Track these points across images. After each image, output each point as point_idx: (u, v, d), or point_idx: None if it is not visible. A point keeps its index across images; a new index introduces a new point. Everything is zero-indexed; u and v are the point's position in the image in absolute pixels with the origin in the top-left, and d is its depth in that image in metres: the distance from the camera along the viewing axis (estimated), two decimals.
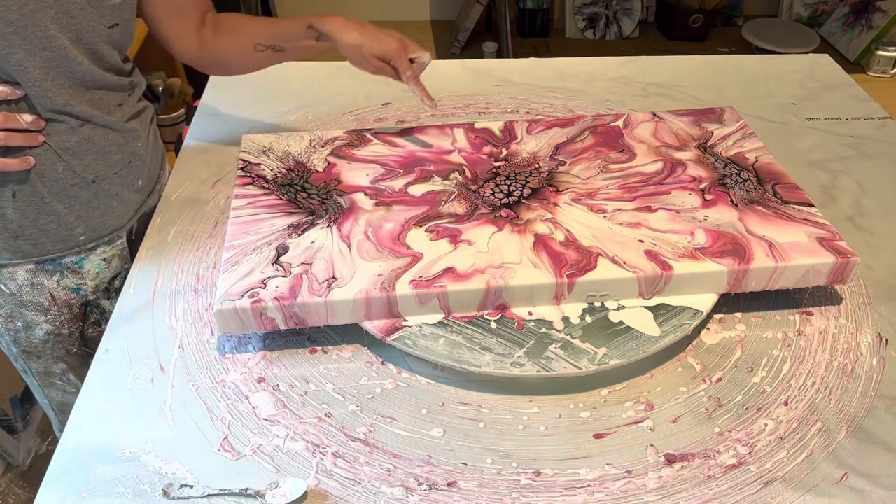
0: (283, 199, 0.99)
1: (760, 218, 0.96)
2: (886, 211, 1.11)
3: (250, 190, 1.00)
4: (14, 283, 0.99)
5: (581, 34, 3.26)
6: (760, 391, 0.85)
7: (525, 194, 1.01)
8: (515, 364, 0.83)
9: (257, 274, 0.87)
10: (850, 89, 1.42)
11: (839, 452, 0.79)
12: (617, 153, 1.10)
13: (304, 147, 1.09)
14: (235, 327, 0.85)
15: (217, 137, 1.27)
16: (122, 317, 0.94)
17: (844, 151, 1.24)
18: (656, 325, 0.87)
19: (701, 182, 1.03)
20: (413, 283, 0.86)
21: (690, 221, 0.96)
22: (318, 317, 0.86)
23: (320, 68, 1.47)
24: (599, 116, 1.18)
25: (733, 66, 1.49)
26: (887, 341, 0.91)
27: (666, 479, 0.76)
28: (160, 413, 0.82)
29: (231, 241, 0.92)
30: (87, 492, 0.74)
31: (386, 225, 0.95)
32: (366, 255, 0.90)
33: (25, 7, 0.81)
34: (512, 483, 0.76)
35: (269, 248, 0.91)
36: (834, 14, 3.21)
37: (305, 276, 0.87)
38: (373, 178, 1.03)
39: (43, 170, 0.92)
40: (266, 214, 0.96)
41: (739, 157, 1.09)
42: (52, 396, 1.13)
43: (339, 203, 0.98)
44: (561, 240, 0.93)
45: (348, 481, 0.76)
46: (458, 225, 0.95)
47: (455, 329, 0.86)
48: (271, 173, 1.04)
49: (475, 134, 1.13)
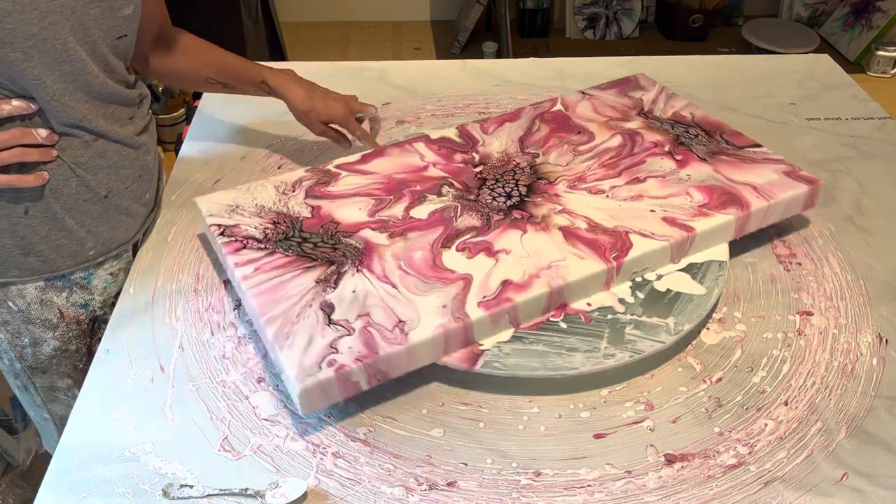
0: (290, 254, 0.91)
1: (730, 166, 1.05)
2: (886, 211, 1.11)
3: (247, 254, 0.91)
4: (23, 300, 0.97)
5: (581, 34, 3.26)
6: (760, 391, 0.85)
7: (523, 192, 1.01)
8: (607, 356, 0.84)
9: (319, 340, 0.80)
10: (850, 89, 1.42)
11: (839, 452, 0.79)
12: (576, 135, 1.13)
13: (274, 196, 1.00)
14: (320, 402, 0.78)
15: (217, 137, 1.27)
16: (122, 317, 0.94)
17: (844, 151, 1.24)
18: (698, 284, 0.92)
19: (663, 145, 1.09)
20: (482, 305, 0.83)
21: (678, 183, 1.02)
22: (400, 366, 0.81)
23: (320, 68, 1.47)
24: (537, 104, 1.21)
25: (733, 66, 1.49)
26: (887, 341, 0.91)
27: (666, 479, 0.76)
28: (160, 413, 0.82)
29: (266, 314, 0.83)
30: (87, 492, 0.74)
31: (414, 254, 0.91)
32: (415, 289, 0.86)
33: (45, 20, 0.79)
34: (512, 483, 0.76)
35: (313, 310, 0.83)
36: (834, 14, 3.21)
37: (371, 328, 0.81)
38: (368, 210, 0.98)
39: (56, 185, 0.90)
40: (283, 276, 0.88)
41: (678, 116, 1.17)
42: (56, 411, 1.12)
43: (352, 244, 0.92)
44: (585, 227, 0.95)
45: (348, 481, 0.76)
46: (483, 237, 0.93)
47: (531, 339, 0.86)
48: (258, 231, 0.94)
49: (438, 145, 1.10)
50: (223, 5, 2.36)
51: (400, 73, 1.46)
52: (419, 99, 1.38)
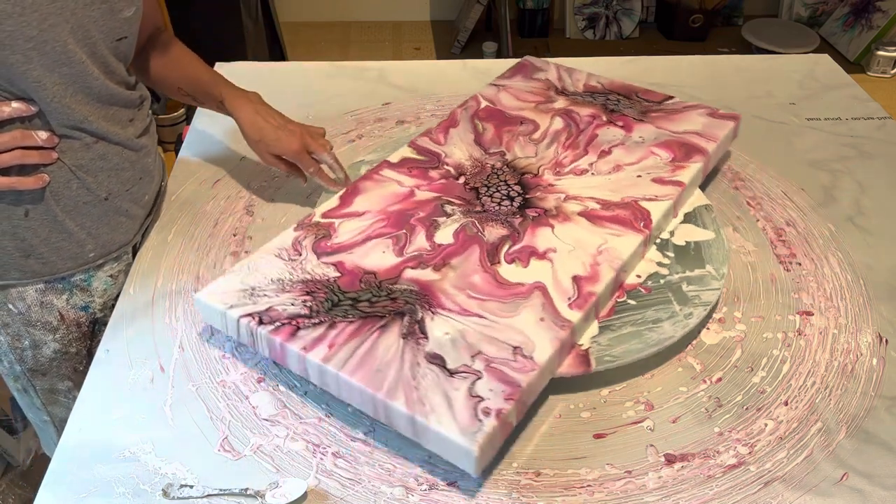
0: (353, 319, 0.82)
1: (665, 120, 1.14)
2: (886, 211, 1.11)
3: (307, 335, 0.80)
4: (23, 302, 0.97)
5: (581, 34, 3.26)
6: (760, 391, 0.85)
7: (520, 191, 1.02)
8: (687, 315, 0.88)
9: (455, 393, 0.74)
10: (850, 89, 1.42)
11: (839, 452, 0.79)
12: (521, 126, 1.15)
13: (282, 265, 0.89)
14: (489, 455, 0.74)
15: (217, 137, 1.27)
16: (122, 317, 0.94)
17: (844, 151, 1.24)
18: (703, 230, 1.00)
19: (600, 116, 1.16)
20: (574, 306, 0.84)
21: (639, 146, 1.09)
22: (536, 391, 0.79)
23: (320, 68, 1.47)
24: (463, 106, 1.21)
25: (733, 66, 1.49)
26: (887, 341, 0.91)
27: (666, 479, 0.76)
28: (160, 413, 0.82)
29: (381, 389, 0.74)
30: (87, 492, 0.74)
31: (472, 279, 0.87)
32: (501, 312, 0.83)
33: (45, 22, 0.79)
34: (512, 483, 0.76)
35: (423, 367, 0.77)
36: (834, 14, 3.21)
37: (495, 364, 0.77)
38: (394, 251, 0.91)
39: (57, 188, 0.90)
40: (363, 344, 0.79)
41: (590, 87, 1.24)
42: (56, 413, 1.12)
43: (406, 289, 0.86)
44: (599, 207, 0.98)
45: (348, 481, 0.76)
46: (521, 244, 0.93)
47: (617, 325, 0.87)
48: (300, 307, 0.83)
49: (405, 167, 1.06)
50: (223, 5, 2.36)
51: (400, 73, 1.46)
52: (419, 99, 1.38)
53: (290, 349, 0.79)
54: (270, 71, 1.48)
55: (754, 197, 1.14)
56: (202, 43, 2.50)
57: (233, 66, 1.46)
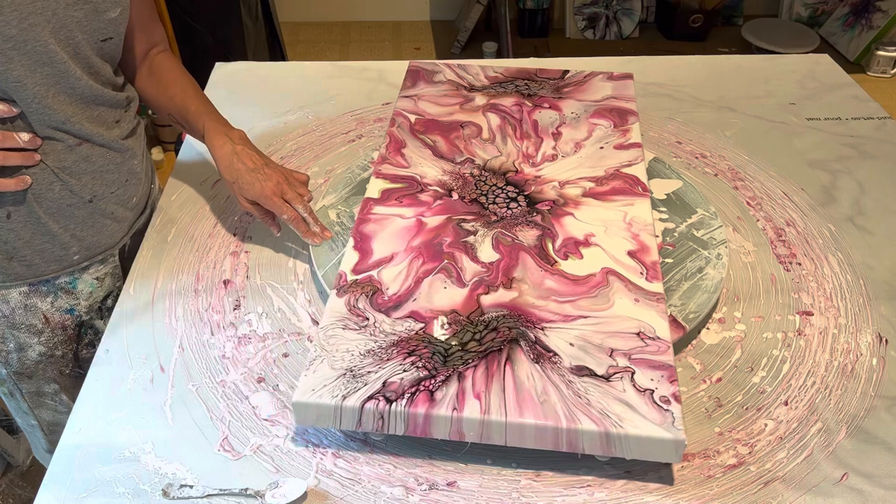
0: (475, 363, 0.77)
1: (578, 92, 1.20)
2: (886, 211, 1.11)
3: (446, 394, 0.74)
4: (6, 305, 0.97)
5: (581, 34, 3.26)
6: (760, 391, 0.85)
7: (517, 191, 1.02)
8: (719, 258, 0.96)
9: (626, 392, 0.75)
10: (850, 89, 1.42)
11: (839, 452, 0.79)
12: (466, 130, 1.14)
13: (363, 337, 0.81)
14: None
15: None
16: (122, 317, 0.94)
17: (844, 151, 1.24)
18: (670, 180, 1.09)
19: (524, 103, 1.18)
20: (650, 278, 0.87)
21: (579, 122, 1.13)
22: None
23: (320, 68, 1.47)
24: (393, 124, 1.14)
25: (733, 66, 1.49)
26: (887, 341, 0.91)
27: (666, 479, 0.76)
28: (160, 413, 0.82)
29: (559, 420, 0.72)
30: (87, 492, 0.74)
31: (546, 284, 0.87)
32: (597, 306, 0.84)
33: (25, 21, 0.79)
34: (512, 483, 0.76)
35: (578, 382, 0.76)
36: (834, 14, 3.21)
37: (637, 355, 0.78)
38: (454, 283, 0.87)
39: (39, 190, 0.89)
40: (506, 386, 0.75)
41: (492, 78, 1.26)
42: (43, 416, 1.11)
43: (500, 315, 0.83)
44: (594, 185, 1.02)
45: (348, 481, 0.76)
46: (561, 238, 0.93)
47: (672, 285, 0.94)
48: (417, 371, 0.77)
49: (392, 198, 1.00)
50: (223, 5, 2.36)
51: (400, 73, 1.45)
52: None
53: (438, 416, 0.73)
54: (270, 71, 1.48)
55: (754, 197, 1.14)
56: (202, 42, 2.50)
57: (233, 66, 1.45)
